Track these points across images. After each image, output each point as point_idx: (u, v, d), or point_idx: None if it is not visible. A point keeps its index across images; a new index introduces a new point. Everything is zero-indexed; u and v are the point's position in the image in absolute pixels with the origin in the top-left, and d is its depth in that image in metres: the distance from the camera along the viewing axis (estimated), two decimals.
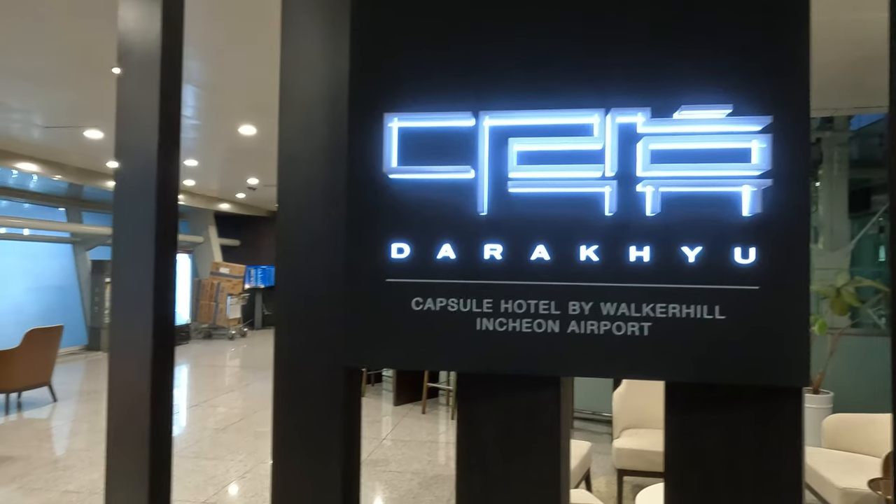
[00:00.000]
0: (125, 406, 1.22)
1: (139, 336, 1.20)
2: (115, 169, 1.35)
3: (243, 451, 4.84)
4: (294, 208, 1.17)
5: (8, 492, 3.91)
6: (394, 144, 1.07)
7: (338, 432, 1.12)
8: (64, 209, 10.77)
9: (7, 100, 5.43)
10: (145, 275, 1.18)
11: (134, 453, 1.20)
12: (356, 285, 1.08)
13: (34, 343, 6.15)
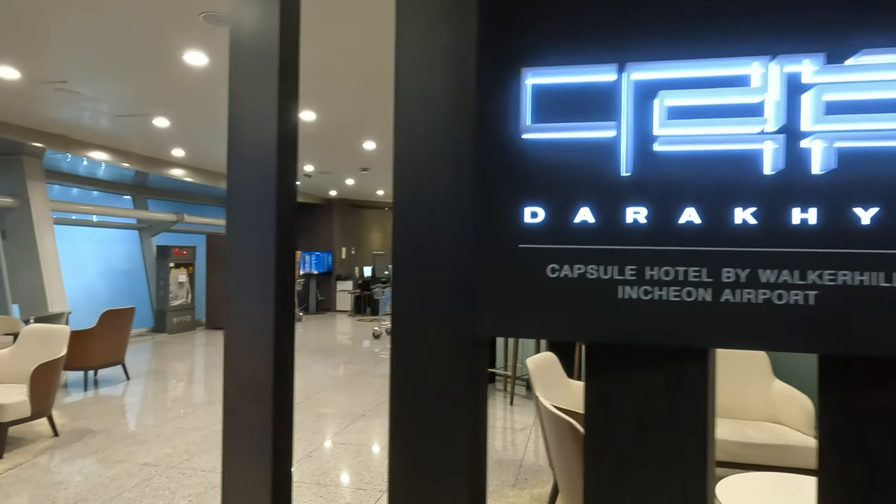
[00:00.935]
0: (246, 381, 1.21)
1: (259, 311, 1.19)
2: (231, 159, 1.33)
3: (308, 430, 4.94)
4: (412, 172, 1.12)
5: (92, 463, 4.11)
6: (528, 102, 1.01)
7: (463, 406, 1.08)
8: (130, 196, 11.22)
9: (81, 89, 5.64)
10: (266, 261, 1.17)
11: (255, 430, 1.19)
12: (486, 252, 1.04)
13: (109, 323, 6.43)
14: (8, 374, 4.77)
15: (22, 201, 8.02)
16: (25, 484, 3.73)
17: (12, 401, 4.19)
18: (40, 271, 7.94)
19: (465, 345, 1.07)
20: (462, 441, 1.09)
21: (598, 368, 1.04)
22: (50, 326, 4.92)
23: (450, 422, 1.09)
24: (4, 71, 5.01)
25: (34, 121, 6.95)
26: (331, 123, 6.97)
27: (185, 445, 4.51)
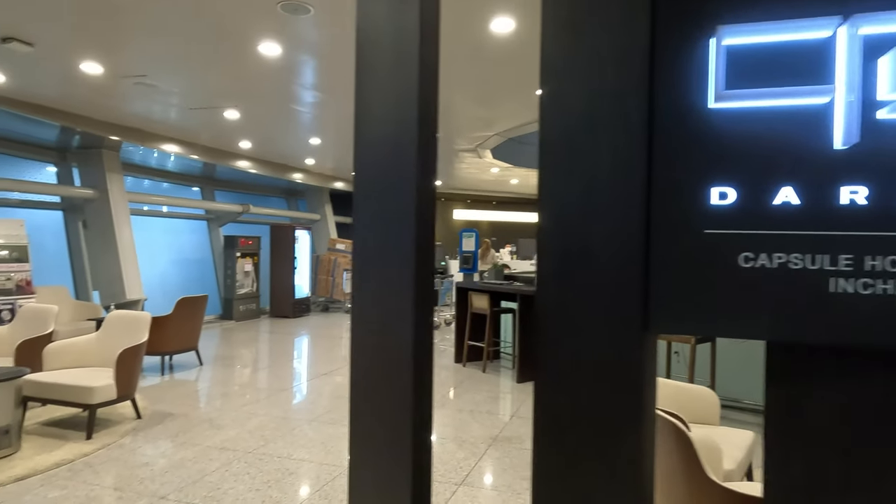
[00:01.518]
0: (380, 376, 1.14)
1: (397, 308, 1.11)
2: (357, 150, 1.27)
3: None
4: (564, 146, 1.01)
5: (173, 445, 4.23)
6: (719, 66, 0.88)
7: (632, 408, 0.97)
8: (198, 188, 11.58)
9: (159, 83, 5.80)
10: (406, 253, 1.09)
11: (392, 426, 1.12)
12: (664, 239, 0.92)
13: (184, 310, 6.64)
14: (95, 358, 4.97)
15: (101, 193, 8.39)
16: (114, 463, 3.87)
17: (100, 384, 4.36)
18: (118, 260, 8.30)
19: (633, 345, 0.96)
20: (625, 451, 0.98)
21: (788, 372, 0.91)
22: (132, 313, 5.10)
23: (612, 434, 0.98)
24: (88, 66, 5.19)
25: (113, 115, 7.23)
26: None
27: (259, 431, 4.59)
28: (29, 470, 3.69)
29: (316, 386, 6.12)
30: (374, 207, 1.16)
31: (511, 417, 5.08)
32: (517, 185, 14.24)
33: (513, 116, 7.25)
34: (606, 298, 0.96)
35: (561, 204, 1.00)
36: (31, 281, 7.11)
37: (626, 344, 0.95)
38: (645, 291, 0.93)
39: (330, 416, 5.00)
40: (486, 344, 6.98)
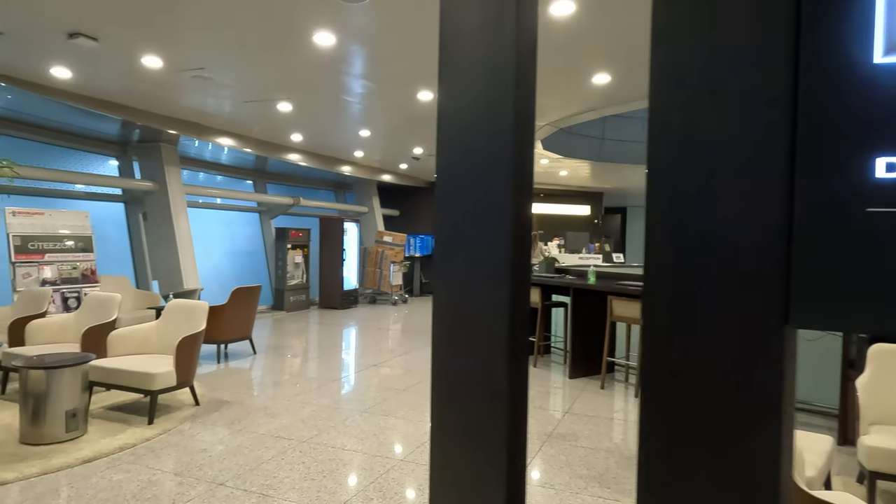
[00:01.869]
0: (473, 372, 1.07)
1: (493, 299, 1.03)
2: (443, 136, 1.20)
3: (428, 412, 4.89)
4: (681, 117, 0.89)
5: (230, 433, 4.28)
6: (891, 9, 0.75)
7: (770, 410, 0.85)
8: (251, 181, 11.82)
9: (215, 75, 5.88)
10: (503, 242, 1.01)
11: (483, 422, 1.05)
12: (812, 220, 0.80)
13: (239, 300, 6.76)
14: (156, 345, 5.10)
15: (160, 185, 8.64)
16: (174, 449, 3.95)
17: (161, 371, 4.46)
18: (176, 251, 8.54)
19: (772, 341, 0.84)
20: (760, 455, 0.87)
21: None
22: (190, 302, 5.21)
23: (744, 436, 0.87)
24: (149, 60, 5.31)
25: (171, 109, 7.41)
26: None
27: (313, 420, 4.61)
28: (95, 452, 3.80)
29: (365, 377, 6.14)
30: (468, 196, 1.08)
31: (564, 414, 4.94)
32: (566, 176, 13.95)
33: (565, 106, 7.06)
34: (738, 289, 0.85)
35: (677, 185, 0.89)
36: (96, 270, 7.39)
37: (763, 339, 0.83)
38: (786, 281, 0.81)
39: (380, 408, 4.98)
40: (537, 338, 6.84)
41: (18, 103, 6.98)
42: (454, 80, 1.19)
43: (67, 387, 4.02)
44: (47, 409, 3.94)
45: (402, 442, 4.18)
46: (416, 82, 6.07)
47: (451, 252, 1.21)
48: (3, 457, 3.68)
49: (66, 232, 7.16)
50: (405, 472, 3.64)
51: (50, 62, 5.40)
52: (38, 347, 5.16)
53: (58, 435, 3.96)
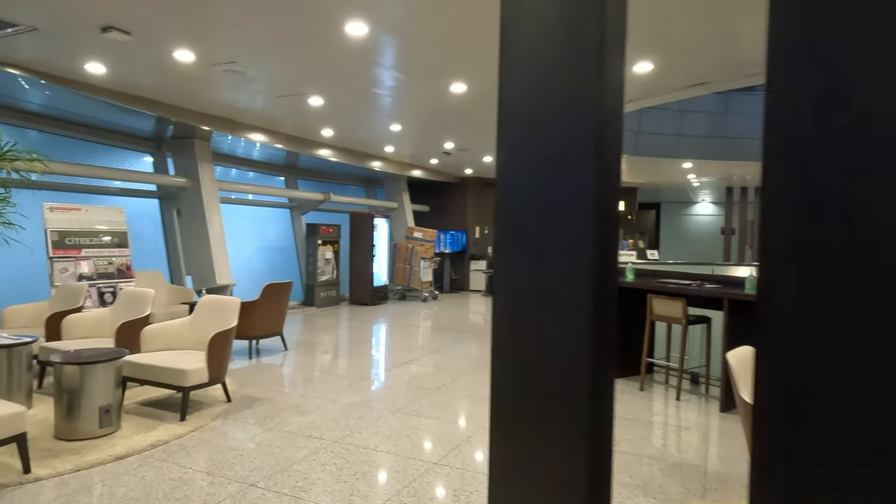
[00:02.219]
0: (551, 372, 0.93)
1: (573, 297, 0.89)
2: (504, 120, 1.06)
3: (461, 413, 4.76)
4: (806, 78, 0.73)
5: (262, 431, 4.22)
6: None
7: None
8: (283, 177, 11.85)
9: (247, 69, 5.83)
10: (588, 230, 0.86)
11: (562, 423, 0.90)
12: None
13: (270, 296, 6.73)
14: (188, 341, 5.08)
15: (193, 181, 8.69)
16: (205, 447, 3.90)
17: (193, 367, 4.43)
18: (209, 246, 8.58)
19: None
20: None
21: None
22: (223, 298, 5.18)
23: None
24: (181, 54, 5.28)
25: (203, 105, 7.42)
26: (480, 95, 6.69)
27: (344, 419, 4.52)
28: (128, 449, 3.77)
29: (396, 375, 6.03)
30: (548, 183, 0.93)
31: None
32: None
33: None
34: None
35: (803, 176, 0.72)
36: (131, 265, 7.46)
37: None
38: None
39: (413, 408, 4.87)
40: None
41: (56, 100, 7.07)
42: (521, 49, 1.04)
43: (101, 382, 4.01)
44: (81, 404, 3.93)
45: (435, 444, 4.05)
46: (448, 74, 5.93)
47: (518, 250, 1.07)
48: (38, 452, 3.68)
49: (102, 227, 7.23)
50: (439, 476, 3.51)
51: (84, 57, 5.42)
52: (74, 342, 5.19)
53: (91, 430, 3.95)
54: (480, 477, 3.50)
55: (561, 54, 1.04)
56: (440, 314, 11.02)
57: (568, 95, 0.97)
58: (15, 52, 5.30)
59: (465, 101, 6.95)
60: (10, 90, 6.60)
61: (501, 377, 1.43)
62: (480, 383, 5.73)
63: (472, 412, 4.80)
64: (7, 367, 4.48)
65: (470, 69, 5.74)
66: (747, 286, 5.16)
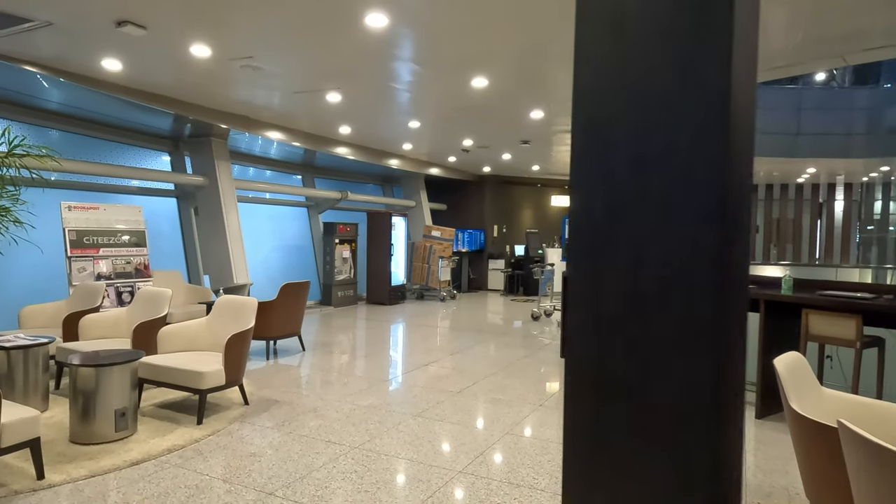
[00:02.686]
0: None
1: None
2: None
3: (486, 417, 4.59)
4: None
5: (280, 436, 4.09)
6: None
7: None
8: (299, 175, 11.77)
9: (264, 65, 5.72)
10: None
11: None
12: None
13: (288, 296, 6.62)
14: (205, 342, 4.98)
15: (211, 180, 8.63)
16: (223, 452, 3.78)
17: (210, 369, 4.32)
18: (226, 245, 8.51)
19: None
20: None
21: None
22: (240, 298, 5.07)
23: None
24: (198, 49, 5.18)
25: (220, 102, 7.33)
26: (501, 90, 6.51)
27: (364, 424, 4.38)
28: (143, 454, 3.67)
29: (416, 377, 5.88)
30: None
31: None
32: None
33: None
34: None
35: None
36: (149, 265, 7.40)
37: None
38: None
39: (434, 412, 4.71)
40: None
41: (75, 98, 7.03)
42: (613, 13, 0.87)
43: (117, 385, 3.91)
44: (96, 407, 3.84)
45: (459, 451, 3.89)
46: (469, 68, 5.75)
47: (606, 253, 0.91)
48: (53, 457, 3.59)
49: (120, 227, 7.19)
50: (465, 486, 3.35)
51: (100, 53, 5.35)
52: (91, 342, 5.12)
53: (107, 434, 3.86)
54: (507, 487, 3.34)
55: (671, 16, 0.86)
56: (458, 314, 10.86)
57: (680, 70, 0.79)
58: (33, 49, 5.24)
59: (486, 97, 6.78)
60: (30, 89, 6.56)
61: (583, 407, 1.27)
62: (503, 386, 5.56)
63: (495, 417, 4.63)
64: (24, 369, 4.41)
65: (492, 63, 5.56)
66: (783, 287, 4.92)
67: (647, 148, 1.07)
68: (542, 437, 4.18)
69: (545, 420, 4.56)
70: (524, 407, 4.91)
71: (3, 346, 4.32)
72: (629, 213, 1.16)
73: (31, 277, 7.10)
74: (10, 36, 4.80)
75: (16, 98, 6.80)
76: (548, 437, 4.16)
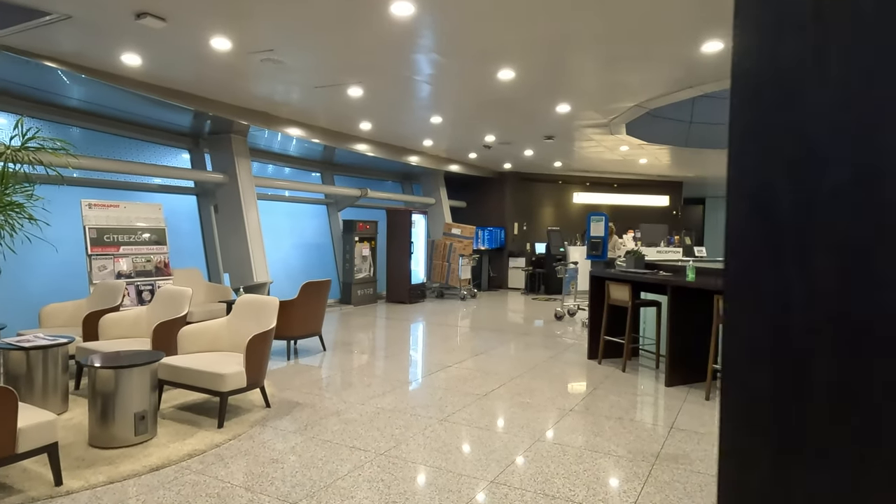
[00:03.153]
0: None
1: None
2: None
3: (514, 423, 4.41)
4: None
5: (303, 441, 3.95)
6: None
7: None
8: (318, 173, 11.66)
9: (285, 58, 5.58)
10: None
11: None
12: None
13: (309, 295, 6.49)
14: (226, 342, 4.87)
15: (231, 177, 8.54)
16: (244, 458, 3.65)
17: (231, 371, 4.19)
18: (246, 243, 8.42)
19: None
20: None
21: None
22: (261, 298, 4.94)
23: None
24: (218, 42, 5.05)
25: (240, 98, 7.23)
26: (528, 82, 6.31)
27: (389, 429, 4.22)
28: (163, 460, 3.55)
29: (441, 379, 5.72)
30: None
31: (670, 430, 4.34)
32: (645, 165, 13.07)
33: (660, 82, 6.36)
34: None
35: None
36: (169, 263, 7.33)
37: None
38: None
39: (461, 416, 4.54)
40: (627, 340, 6.22)
41: (95, 95, 6.97)
42: None
43: (136, 387, 3.80)
44: (116, 410, 3.73)
45: (489, 458, 3.71)
46: (497, 59, 5.56)
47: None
48: (71, 461, 3.48)
49: (140, 224, 7.12)
50: (497, 497, 3.17)
51: (120, 47, 5.25)
52: (111, 342, 5.04)
53: (126, 438, 3.75)
54: (543, 500, 3.15)
55: None
56: (480, 313, 10.68)
57: None
58: (53, 44, 5.16)
59: (512, 90, 6.58)
60: (52, 85, 6.51)
61: (759, 476, 0.96)
62: (530, 389, 5.37)
63: (524, 422, 4.44)
64: (43, 369, 4.33)
65: (520, 53, 5.36)
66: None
67: None
68: (574, 443, 3.99)
69: (576, 426, 4.37)
70: (553, 411, 4.72)
71: (22, 346, 4.24)
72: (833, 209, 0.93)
73: (52, 275, 7.06)
74: (30, 30, 4.71)
75: (37, 95, 6.76)
76: (580, 445, 3.96)
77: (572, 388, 5.50)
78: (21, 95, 6.65)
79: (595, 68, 5.82)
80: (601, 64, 5.65)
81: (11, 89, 6.46)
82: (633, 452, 3.85)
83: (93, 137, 7.71)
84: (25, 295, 6.61)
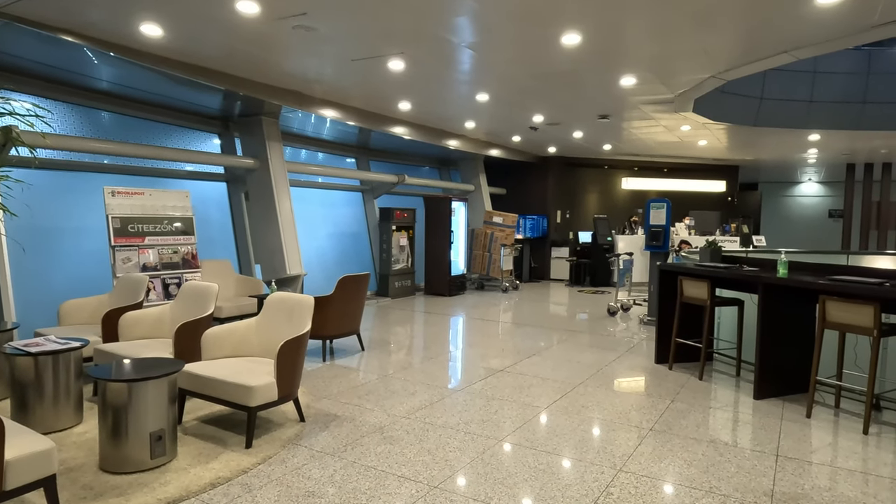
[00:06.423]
0: None
1: None
2: None
3: (587, 447, 3.74)
4: None
5: (343, 466, 3.37)
6: None
7: None
8: (353, 158, 11.09)
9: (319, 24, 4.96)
10: None
11: None
12: None
13: (346, 290, 5.92)
14: (255, 346, 4.32)
15: (262, 162, 8.02)
16: (276, 488, 3.08)
17: (260, 383, 3.63)
18: (279, 233, 7.91)
19: None
20: None
21: None
22: (294, 296, 4.36)
23: None
24: (244, 5, 4.46)
25: (271, 76, 6.66)
26: (594, 50, 5.55)
27: (442, 452, 3.61)
28: (182, 490, 3.01)
29: (494, 387, 5.07)
30: None
31: (776, 458, 3.61)
32: (703, 147, 12.10)
33: (748, 45, 5.52)
34: None
35: None
36: (197, 254, 6.86)
37: None
38: None
39: (524, 436, 3.89)
40: (705, 343, 5.47)
41: (121, 76, 6.49)
42: None
43: (152, 403, 3.26)
44: (129, 429, 3.20)
45: (566, 498, 3.05)
46: (562, 20, 4.82)
47: None
48: (77, 490, 2.97)
49: (166, 213, 6.64)
50: None
51: (138, 16, 4.71)
52: (132, 343, 4.56)
53: (141, 461, 3.22)
54: None
55: None
56: (524, 307, 10.00)
57: None
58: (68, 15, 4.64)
59: (574, 59, 5.83)
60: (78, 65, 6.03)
61: None
62: (598, 401, 4.69)
63: (600, 445, 3.76)
64: (53, 376, 3.86)
65: (589, 12, 4.61)
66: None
67: None
68: (665, 476, 3.30)
69: (662, 451, 3.67)
70: (630, 430, 4.04)
71: (28, 351, 3.75)
72: None
73: (77, 268, 6.66)
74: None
75: (65, 77, 6.31)
76: (674, 479, 3.27)
77: (646, 400, 4.80)
78: (44, 76, 6.21)
79: (674, 27, 5.02)
80: (683, 20, 4.84)
81: (35, 69, 6.01)
82: (740, 491, 3.14)
83: (120, 122, 7.26)
84: (47, 290, 6.21)
